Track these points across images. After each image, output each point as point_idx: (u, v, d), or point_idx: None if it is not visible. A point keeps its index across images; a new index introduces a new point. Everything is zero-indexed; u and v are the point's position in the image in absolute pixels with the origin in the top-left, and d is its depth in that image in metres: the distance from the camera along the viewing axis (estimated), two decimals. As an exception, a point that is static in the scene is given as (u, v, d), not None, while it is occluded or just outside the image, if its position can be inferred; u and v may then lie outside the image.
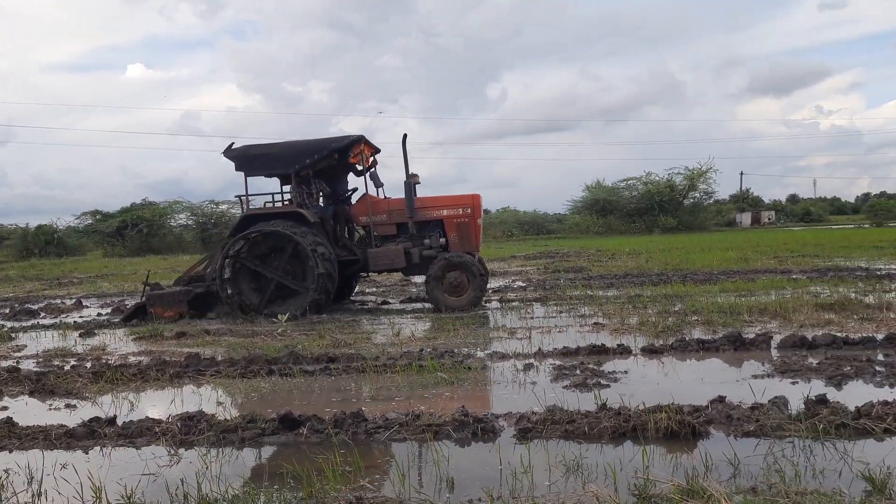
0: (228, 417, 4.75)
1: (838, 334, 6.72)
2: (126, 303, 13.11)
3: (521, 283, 14.51)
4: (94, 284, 18.82)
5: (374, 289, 14.75)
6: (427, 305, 10.94)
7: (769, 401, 4.48)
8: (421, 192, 11.46)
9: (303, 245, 10.21)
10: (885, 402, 4.22)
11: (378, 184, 11.22)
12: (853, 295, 9.62)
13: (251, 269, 10.65)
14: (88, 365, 6.97)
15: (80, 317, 11.58)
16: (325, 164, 11.05)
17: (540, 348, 6.92)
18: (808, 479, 3.32)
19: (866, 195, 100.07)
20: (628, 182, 56.68)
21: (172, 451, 4.28)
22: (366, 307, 11.68)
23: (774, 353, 6.37)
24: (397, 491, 3.45)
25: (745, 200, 78.31)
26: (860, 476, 3.28)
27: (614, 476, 3.42)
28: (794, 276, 12.75)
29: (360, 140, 11.05)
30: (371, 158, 11.50)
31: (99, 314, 11.79)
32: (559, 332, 8.14)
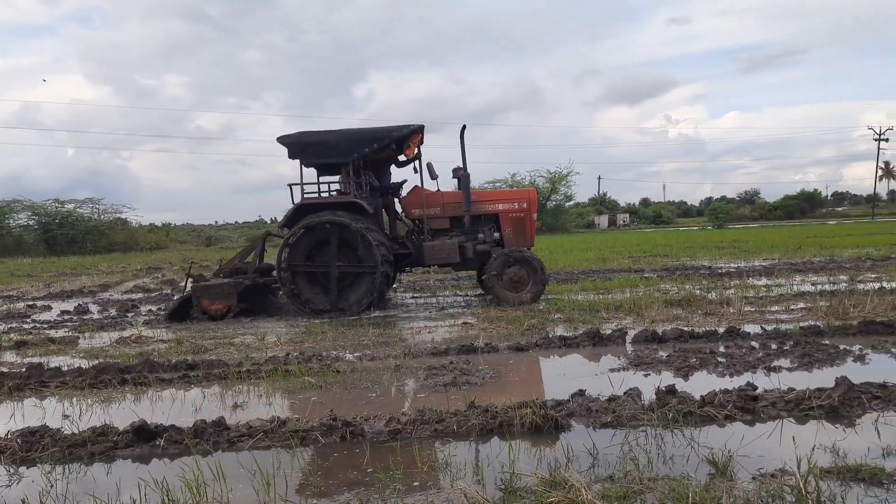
0: (76, 431, 4.41)
1: (685, 329, 7.20)
2: (-44, 310, 11.88)
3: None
4: (-82, 291, 16.91)
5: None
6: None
7: (624, 393, 4.73)
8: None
9: (353, 229, 9.81)
10: (726, 391, 4.57)
11: (433, 176, 10.78)
12: (698, 292, 10.38)
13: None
14: None
15: None
16: (382, 154, 10.67)
17: (410, 349, 6.94)
18: (660, 465, 3.53)
19: (709, 199, 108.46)
20: (495, 184, 58.26)
21: (12, 471, 3.92)
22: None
23: (629, 347, 6.74)
24: (262, 499, 3.33)
25: (602, 203, 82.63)
26: (705, 460, 3.52)
27: (482, 472, 3.48)
28: (647, 275, 13.56)
29: (420, 130, 10.67)
30: (416, 150, 10.97)
31: (-77, 324, 10.61)
32: (429, 332, 8.21)
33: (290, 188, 10.43)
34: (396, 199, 11.25)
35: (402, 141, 10.58)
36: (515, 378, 5.74)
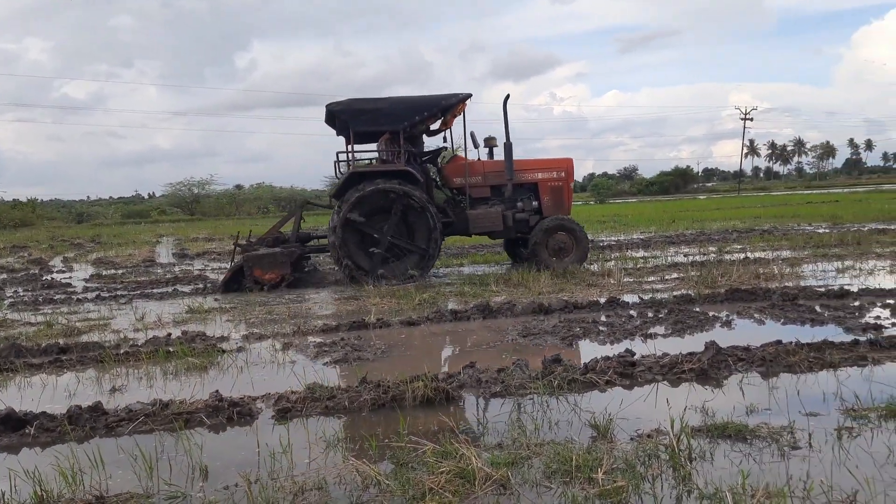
0: (-68, 424, 4.06)
1: (569, 300, 7.47)
2: None
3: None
4: None
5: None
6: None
7: (513, 363, 4.86)
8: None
9: (417, 200, 9.82)
10: (607, 358, 4.79)
11: (476, 145, 10.60)
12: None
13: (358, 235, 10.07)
14: None
15: None
16: (430, 122, 10.51)
17: (300, 327, 6.83)
18: (546, 430, 3.66)
19: (591, 175, 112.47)
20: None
21: None
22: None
23: (518, 319, 6.91)
24: (145, 485, 3.20)
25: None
26: (588, 424, 3.68)
27: (374, 447, 3.49)
28: (534, 249, 13.89)
29: (467, 98, 10.40)
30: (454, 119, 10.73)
31: None
32: (319, 309, 8.11)
33: (337, 156, 10.34)
34: (434, 168, 11.18)
35: (448, 109, 10.51)
36: (407, 352, 5.78)
